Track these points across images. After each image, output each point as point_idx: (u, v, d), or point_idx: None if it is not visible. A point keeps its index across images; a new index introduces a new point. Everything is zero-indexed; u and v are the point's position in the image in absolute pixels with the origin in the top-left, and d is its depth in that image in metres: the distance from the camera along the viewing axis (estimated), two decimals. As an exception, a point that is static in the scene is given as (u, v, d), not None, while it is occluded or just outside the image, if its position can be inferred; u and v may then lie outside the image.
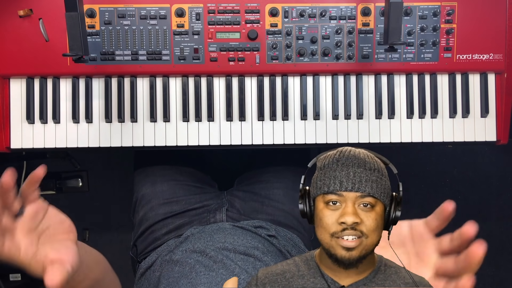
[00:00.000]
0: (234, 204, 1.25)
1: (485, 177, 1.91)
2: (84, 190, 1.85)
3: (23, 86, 1.15)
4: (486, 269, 1.93)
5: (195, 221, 1.21)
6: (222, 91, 1.17)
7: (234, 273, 0.96)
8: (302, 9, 1.14)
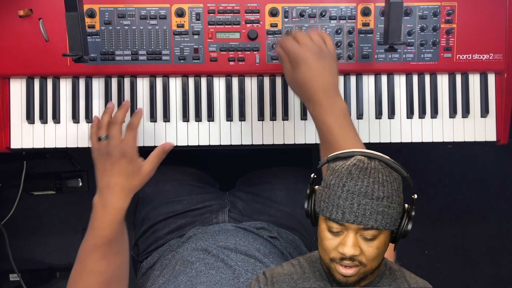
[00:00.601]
0: (236, 205, 1.25)
1: (485, 177, 1.91)
2: (84, 190, 1.85)
3: (23, 86, 1.15)
4: (486, 269, 1.93)
5: (197, 222, 1.21)
6: (222, 91, 1.17)
7: (235, 273, 0.96)
8: (302, 9, 1.14)
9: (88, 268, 0.97)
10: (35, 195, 1.83)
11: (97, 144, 1.02)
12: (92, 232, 0.99)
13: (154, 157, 1.04)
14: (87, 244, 0.99)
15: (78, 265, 0.99)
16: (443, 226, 1.91)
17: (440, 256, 1.92)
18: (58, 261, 1.86)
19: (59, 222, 1.87)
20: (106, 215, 0.98)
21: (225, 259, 1.00)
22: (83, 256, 0.99)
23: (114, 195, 0.98)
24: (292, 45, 0.99)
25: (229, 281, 0.94)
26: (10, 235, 1.57)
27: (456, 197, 1.91)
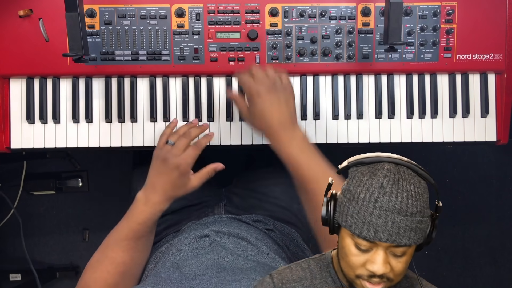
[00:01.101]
0: (232, 200, 1.25)
1: (485, 177, 1.91)
2: (84, 190, 1.85)
3: (23, 86, 1.15)
4: (486, 269, 1.93)
5: (193, 216, 1.21)
6: (222, 91, 1.17)
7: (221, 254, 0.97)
8: (302, 9, 1.14)
9: (111, 256, 1.01)
10: (35, 195, 1.83)
11: (163, 145, 1.06)
12: (127, 223, 1.04)
13: (204, 174, 1.08)
14: (118, 233, 1.04)
15: (101, 252, 1.04)
16: (443, 226, 1.91)
17: (440, 256, 1.92)
18: (58, 261, 1.86)
19: (59, 222, 1.87)
20: (145, 211, 1.03)
21: (216, 240, 1.02)
22: (109, 244, 1.03)
23: (157, 197, 1.03)
24: (247, 79, 1.04)
25: (214, 261, 0.95)
26: (10, 235, 1.57)
27: (456, 197, 1.91)
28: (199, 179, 1.07)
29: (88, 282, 1.00)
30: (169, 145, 1.05)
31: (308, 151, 1.00)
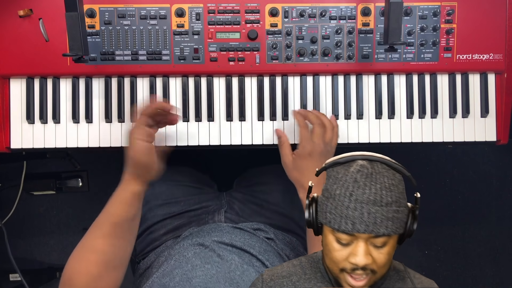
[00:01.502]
0: (233, 206, 1.25)
1: (485, 177, 1.91)
2: (84, 190, 1.85)
3: (23, 86, 1.15)
4: (486, 269, 1.93)
5: (193, 222, 1.21)
6: (222, 91, 1.17)
7: (231, 267, 0.96)
8: (302, 9, 1.14)
9: (91, 244, 1.00)
10: (35, 195, 1.83)
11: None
12: (105, 209, 1.03)
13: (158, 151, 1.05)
14: (96, 220, 1.03)
15: (83, 241, 1.02)
16: (443, 226, 1.91)
17: (440, 256, 1.92)
18: (58, 261, 1.86)
19: (59, 222, 1.87)
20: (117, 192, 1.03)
21: (221, 254, 1.00)
22: (89, 232, 1.02)
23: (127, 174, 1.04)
24: (306, 135, 1.07)
25: (225, 274, 0.94)
26: (10, 235, 1.57)
27: (456, 197, 1.91)
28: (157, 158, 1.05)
29: (71, 275, 0.99)
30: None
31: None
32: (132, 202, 1.03)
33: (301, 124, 1.09)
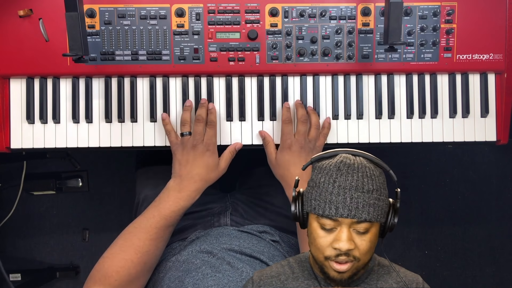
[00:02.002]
0: (237, 208, 1.25)
1: (485, 177, 1.91)
2: (84, 190, 1.85)
3: (23, 86, 1.15)
4: (486, 269, 1.93)
5: (198, 224, 1.21)
6: (222, 91, 1.17)
7: (242, 275, 0.96)
8: (302, 9, 1.14)
9: (137, 245, 1.00)
10: (35, 195, 1.83)
11: (178, 139, 1.10)
12: (158, 211, 1.04)
13: (227, 155, 1.12)
14: (147, 221, 1.03)
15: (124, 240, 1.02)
16: (443, 226, 1.91)
17: (440, 256, 1.92)
18: (58, 261, 1.86)
19: (59, 222, 1.87)
20: (180, 199, 1.05)
21: (231, 262, 1.00)
22: (136, 233, 1.02)
23: (193, 184, 1.06)
24: (289, 130, 1.11)
25: (237, 283, 0.94)
26: (10, 235, 1.57)
27: (456, 197, 1.91)
28: (225, 161, 1.12)
29: (109, 272, 0.98)
30: (187, 136, 1.09)
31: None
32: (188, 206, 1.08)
33: (284, 120, 1.12)
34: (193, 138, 1.08)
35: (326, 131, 1.14)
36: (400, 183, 0.73)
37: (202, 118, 1.09)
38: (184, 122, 1.10)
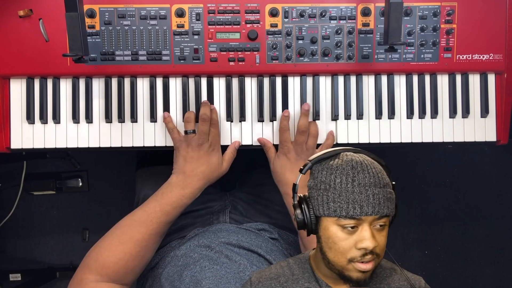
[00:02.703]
0: (237, 207, 1.25)
1: (485, 177, 1.91)
2: (84, 190, 1.85)
3: (23, 86, 1.15)
4: (486, 269, 1.93)
5: (198, 223, 1.21)
6: (222, 91, 1.17)
7: (240, 267, 0.96)
8: (302, 9, 1.14)
9: (136, 238, 1.01)
10: (35, 195, 1.83)
11: (182, 137, 1.10)
12: (160, 206, 1.04)
13: (229, 154, 1.13)
14: (147, 216, 1.04)
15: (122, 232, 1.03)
16: (443, 226, 1.91)
17: (440, 256, 1.92)
18: (58, 261, 1.86)
19: (59, 222, 1.87)
20: (183, 195, 1.06)
21: (228, 255, 1.00)
22: (135, 226, 1.03)
23: (197, 181, 1.07)
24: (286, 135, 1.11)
25: (235, 275, 0.94)
26: (10, 235, 1.57)
27: (456, 197, 1.91)
28: (227, 161, 1.13)
29: (107, 263, 0.99)
30: (191, 134, 1.09)
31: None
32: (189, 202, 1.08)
33: (280, 128, 1.12)
34: (198, 136, 1.08)
35: (330, 142, 1.15)
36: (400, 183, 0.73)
37: (207, 117, 1.10)
38: (189, 119, 1.11)
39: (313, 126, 1.13)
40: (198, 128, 1.09)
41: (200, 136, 1.08)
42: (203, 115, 1.10)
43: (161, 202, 1.05)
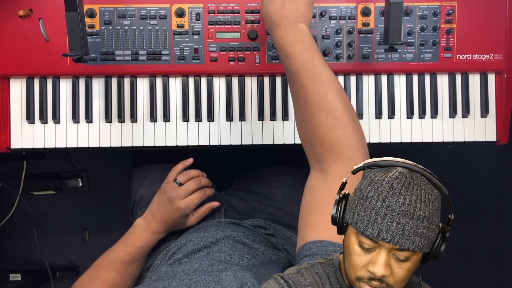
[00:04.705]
0: (232, 204, 1.25)
1: (485, 177, 1.91)
2: (84, 190, 1.85)
3: (23, 86, 1.15)
4: (486, 269, 1.93)
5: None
6: (222, 91, 1.17)
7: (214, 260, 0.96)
8: (302, 9, 1.13)
9: (104, 276, 1.07)
10: (35, 195, 1.83)
11: (171, 180, 1.13)
12: (124, 246, 1.09)
13: (201, 213, 1.15)
14: (114, 255, 1.08)
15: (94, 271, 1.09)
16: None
17: (440, 256, 1.92)
18: (58, 261, 1.86)
19: (59, 222, 1.87)
20: (145, 237, 1.09)
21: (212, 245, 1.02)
22: (104, 265, 1.08)
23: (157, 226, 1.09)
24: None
25: (207, 267, 0.94)
26: (10, 235, 1.57)
27: (456, 197, 1.91)
28: (196, 218, 1.14)
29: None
30: (176, 184, 1.11)
31: (302, 44, 0.93)
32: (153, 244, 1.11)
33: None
34: (177, 189, 1.10)
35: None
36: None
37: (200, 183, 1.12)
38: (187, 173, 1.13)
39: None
40: (185, 185, 1.11)
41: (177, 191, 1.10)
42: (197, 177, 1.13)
43: (125, 242, 1.09)
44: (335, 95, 0.90)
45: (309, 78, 0.90)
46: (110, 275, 1.07)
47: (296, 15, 0.95)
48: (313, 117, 0.90)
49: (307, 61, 0.91)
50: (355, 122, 0.90)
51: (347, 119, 0.89)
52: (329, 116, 0.88)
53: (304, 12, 0.97)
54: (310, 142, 0.92)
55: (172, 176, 1.14)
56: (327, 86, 0.90)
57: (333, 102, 0.89)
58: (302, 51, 0.92)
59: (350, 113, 0.91)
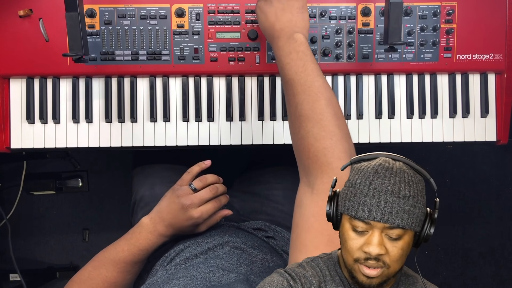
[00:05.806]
0: (233, 205, 1.24)
1: (485, 177, 1.91)
2: (84, 190, 1.85)
3: (23, 86, 1.15)
4: (486, 269, 1.93)
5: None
6: (222, 91, 1.17)
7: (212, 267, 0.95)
8: (302, 9, 1.13)
9: (105, 275, 1.03)
10: (35, 195, 1.84)
11: (186, 184, 1.07)
12: (128, 247, 1.05)
13: (213, 222, 1.09)
14: (116, 254, 1.04)
15: (94, 268, 1.04)
16: (443, 226, 1.91)
17: (440, 256, 1.92)
18: (58, 261, 1.86)
19: (59, 222, 1.87)
20: (150, 239, 1.05)
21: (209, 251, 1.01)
22: (105, 263, 1.04)
23: (165, 229, 1.05)
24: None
25: (204, 275, 0.93)
26: (10, 235, 1.57)
27: (456, 197, 1.91)
28: (207, 226, 1.08)
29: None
30: (191, 189, 1.05)
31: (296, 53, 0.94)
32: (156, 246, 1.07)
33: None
34: (192, 196, 1.05)
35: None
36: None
37: (217, 191, 1.07)
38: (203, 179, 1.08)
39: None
40: (200, 192, 1.05)
41: (191, 198, 1.04)
42: (213, 187, 1.07)
43: (129, 242, 1.05)
44: (324, 105, 0.89)
45: (300, 87, 0.91)
46: (112, 275, 1.03)
47: (291, 24, 0.96)
48: (301, 127, 0.89)
49: (300, 70, 0.92)
50: (343, 132, 0.89)
51: (333, 129, 0.88)
52: (316, 126, 0.88)
53: (299, 18, 0.98)
54: (299, 153, 0.91)
55: (187, 179, 1.08)
56: (316, 95, 0.90)
57: (321, 112, 0.88)
58: (296, 61, 0.92)
59: (338, 123, 0.89)
